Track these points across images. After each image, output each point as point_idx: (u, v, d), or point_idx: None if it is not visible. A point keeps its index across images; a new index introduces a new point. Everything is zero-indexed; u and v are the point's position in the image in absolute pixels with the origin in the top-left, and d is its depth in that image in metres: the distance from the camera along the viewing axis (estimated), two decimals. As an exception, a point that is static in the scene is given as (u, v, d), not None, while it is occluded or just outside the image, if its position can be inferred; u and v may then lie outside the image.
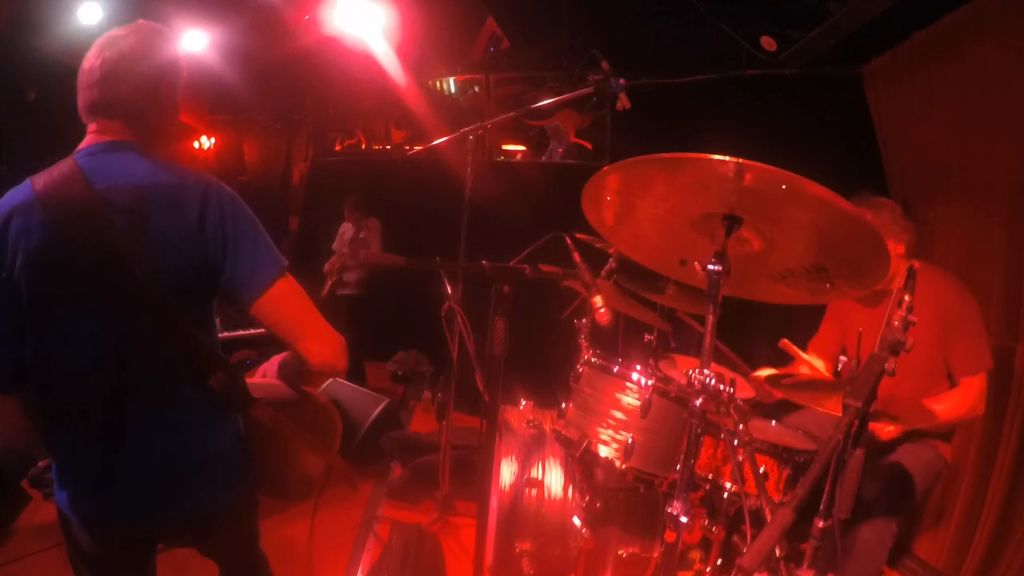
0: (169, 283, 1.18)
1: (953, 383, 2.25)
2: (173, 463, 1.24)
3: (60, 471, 1.27)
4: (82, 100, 1.26)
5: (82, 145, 1.25)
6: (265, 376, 1.48)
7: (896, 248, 2.27)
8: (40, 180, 1.19)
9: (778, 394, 2.07)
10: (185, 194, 1.20)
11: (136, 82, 1.24)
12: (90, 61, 1.24)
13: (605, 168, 1.45)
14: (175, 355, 1.21)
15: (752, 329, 3.45)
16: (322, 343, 1.26)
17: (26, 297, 1.17)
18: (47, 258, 1.16)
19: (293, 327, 1.25)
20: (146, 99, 1.26)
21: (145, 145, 1.26)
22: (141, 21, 1.31)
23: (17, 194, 1.20)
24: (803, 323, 2.72)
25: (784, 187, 1.27)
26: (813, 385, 2.08)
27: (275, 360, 1.47)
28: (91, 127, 1.26)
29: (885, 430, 2.17)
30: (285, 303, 1.24)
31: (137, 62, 1.24)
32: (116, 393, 1.20)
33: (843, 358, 1.62)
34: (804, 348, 2.54)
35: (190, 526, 1.33)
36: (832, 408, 1.83)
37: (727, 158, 1.24)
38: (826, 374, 2.50)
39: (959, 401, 2.17)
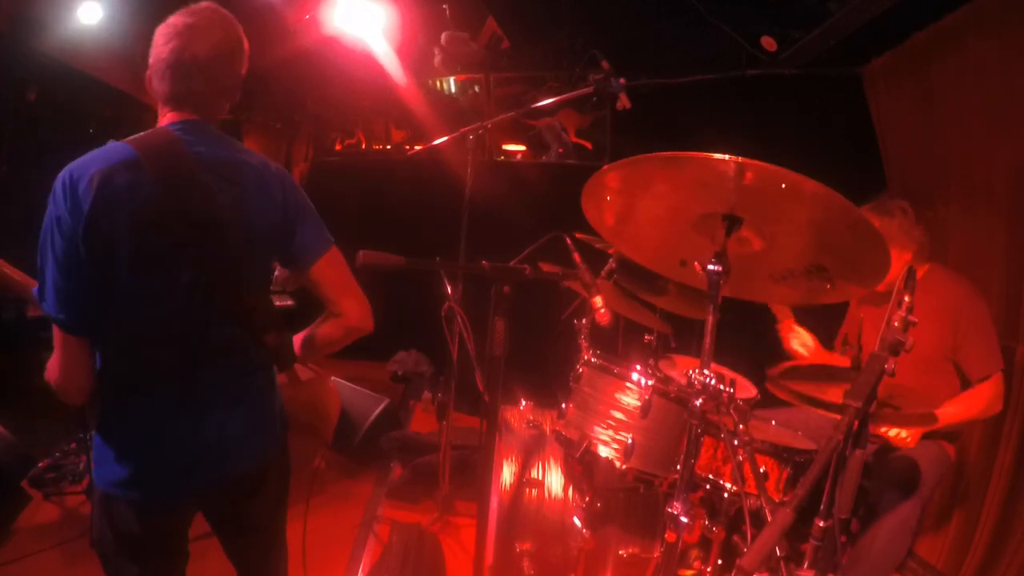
0: (253, 247, 1.34)
1: (963, 381, 2.26)
2: (240, 417, 1.37)
3: (121, 438, 1.32)
4: (167, 89, 1.32)
5: (166, 121, 1.34)
6: None
7: (902, 256, 2.27)
8: (140, 142, 1.26)
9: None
10: (268, 172, 1.38)
11: (223, 81, 1.35)
12: (175, 53, 1.29)
13: (605, 167, 1.46)
14: (247, 312, 1.34)
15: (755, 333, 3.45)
16: (360, 303, 1.45)
17: (127, 249, 1.23)
18: (155, 214, 1.24)
19: (340, 287, 1.43)
20: (227, 93, 1.38)
21: (215, 124, 1.38)
22: (215, 7, 1.35)
23: (114, 152, 1.26)
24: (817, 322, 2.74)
25: (784, 186, 1.27)
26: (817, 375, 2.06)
27: (296, 338, 1.52)
28: (167, 108, 1.34)
29: (900, 436, 2.18)
30: (335, 268, 1.44)
31: (223, 61, 1.34)
32: (196, 347, 1.31)
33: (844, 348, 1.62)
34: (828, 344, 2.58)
35: (248, 480, 1.43)
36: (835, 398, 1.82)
37: (727, 157, 1.24)
38: (824, 353, 2.61)
39: (972, 402, 2.18)
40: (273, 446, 1.47)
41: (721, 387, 1.45)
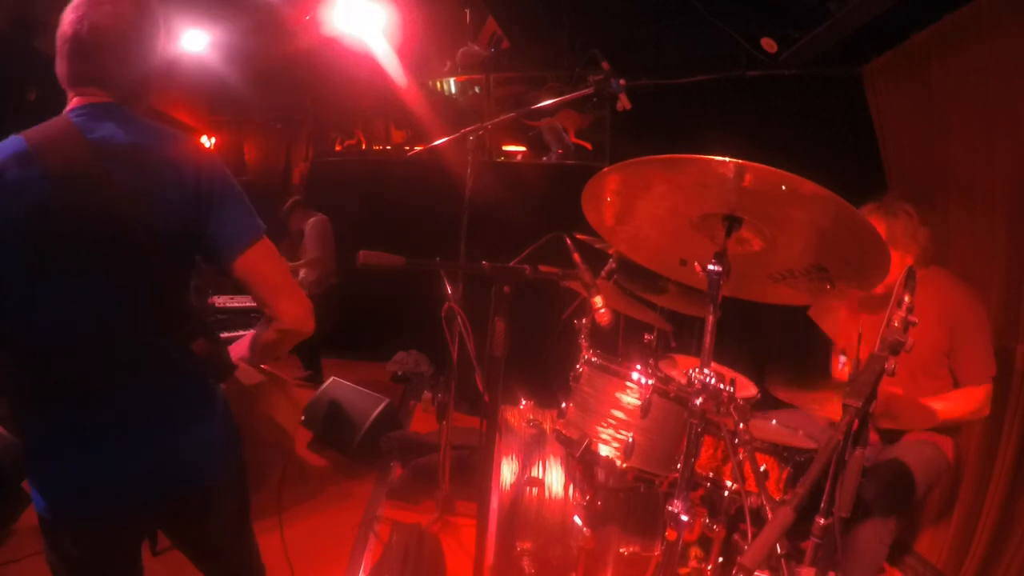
0: (161, 240, 1.18)
1: (955, 384, 2.26)
2: (171, 434, 1.24)
3: (43, 464, 1.21)
4: (66, 69, 1.21)
5: (69, 107, 1.22)
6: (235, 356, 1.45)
7: (904, 259, 2.26)
8: (33, 134, 1.15)
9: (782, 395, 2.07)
10: (178, 156, 1.22)
11: (132, 54, 1.22)
12: (73, 26, 1.18)
13: (605, 169, 1.46)
14: (164, 317, 1.21)
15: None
16: (294, 303, 1.30)
17: (19, 252, 1.13)
18: (48, 211, 1.13)
19: (269, 286, 1.28)
20: (141, 70, 1.25)
21: (130, 106, 1.25)
22: None
23: (6, 147, 1.15)
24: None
25: (784, 188, 1.27)
26: (813, 384, 2.08)
27: (237, 344, 1.43)
28: (72, 92, 1.23)
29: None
30: (263, 263, 1.27)
31: (130, 33, 1.21)
32: (108, 358, 1.18)
33: (842, 358, 1.62)
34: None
35: (193, 501, 1.31)
36: (831, 412, 1.83)
37: (727, 159, 1.24)
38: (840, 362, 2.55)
39: (962, 401, 2.18)
40: (217, 463, 1.31)
41: (721, 386, 1.45)
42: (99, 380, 1.19)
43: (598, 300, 1.75)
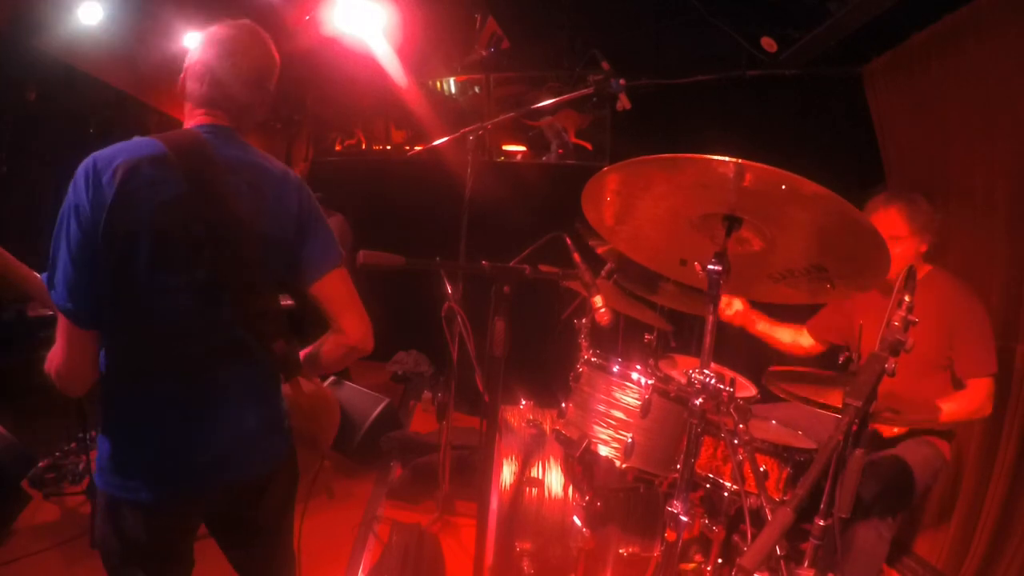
0: (267, 253, 1.34)
1: (956, 384, 2.26)
2: (246, 423, 1.36)
3: (129, 440, 1.30)
4: (204, 92, 1.36)
5: (196, 123, 1.37)
6: None
7: (920, 248, 2.28)
8: (168, 139, 1.28)
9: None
10: (287, 182, 1.40)
11: (258, 94, 1.41)
12: (221, 60, 1.35)
13: (605, 169, 1.46)
14: (257, 316, 1.34)
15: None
16: (362, 322, 1.45)
17: (147, 244, 1.23)
18: (177, 211, 1.25)
19: (343, 305, 1.43)
20: (259, 106, 1.43)
21: (244, 132, 1.42)
22: (254, 25, 1.43)
23: (141, 146, 1.26)
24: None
25: (784, 187, 1.27)
26: (815, 379, 2.07)
27: (301, 353, 1.52)
28: (200, 111, 1.37)
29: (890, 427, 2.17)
30: (341, 284, 1.44)
31: (262, 75, 1.40)
32: (205, 346, 1.30)
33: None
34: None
35: (254, 486, 1.42)
36: (834, 401, 1.82)
37: (727, 158, 1.24)
38: (804, 347, 2.71)
39: (965, 402, 2.18)
40: (283, 449, 1.46)
41: (721, 386, 1.45)
42: (194, 367, 1.31)
43: (598, 300, 1.75)
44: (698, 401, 1.45)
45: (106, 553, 1.35)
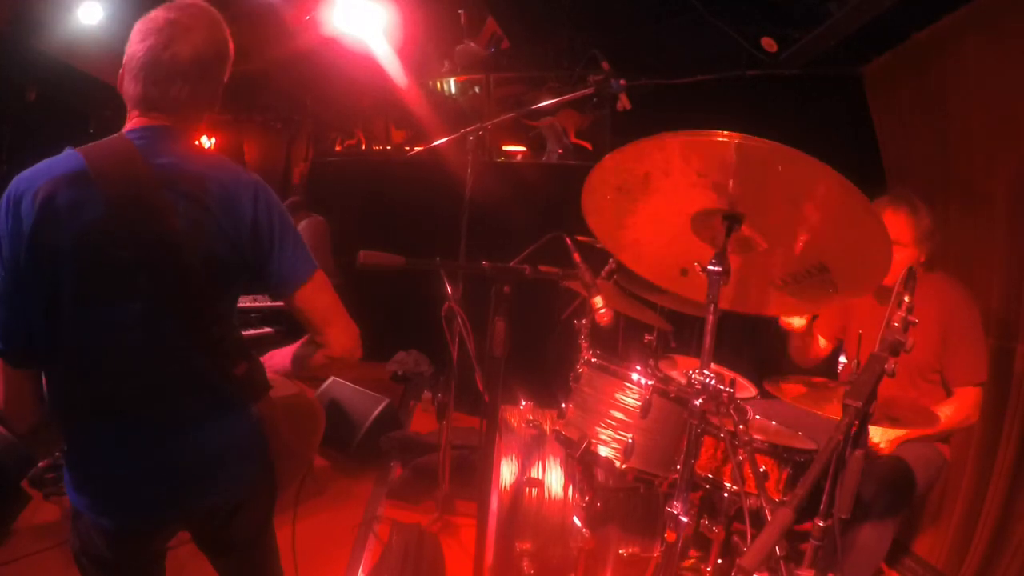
0: (214, 270, 1.20)
1: (946, 390, 2.25)
2: (208, 451, 1.26)
3: (84, 470, 1.22)
4: (138, 91, 1.20)
5: (129, 127, 1.22)
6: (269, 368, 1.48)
7: (920, 258, 2.26)
8: (91, 152, 1.14)
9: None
10: (238, 189, 1.22)
11: (203, 87, 1.23)
12: (154, 51, 1.17)
13: (605, 157, 1.46)
14: (214, 344, 1.22)
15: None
16: (346, 333, 1.34)
17: (74, 273, 1.12)
18: (105, 235, 1.12)
19: (323, 317, 1.32)
20: (206, 101, 1.26)
21: (187, 132, 1.25)
22: (202, 4, 1.24)
23: (60, 164, 1.13)
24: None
25: (780, 168, 1.27)
26: (814, 387, 2.07)
27: (275, 354, 1.46)
28: (136, 112, 1.23)
29: (885, 440, 2.17)
30: (318, 296, 1.31)
31: (205, 65, 1.21)
32: (154, 379, 1.20)
33: (842, 360, 1.62)
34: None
35: (221, 512, 1.34)
36: (832, 413, 1.83)
37: (724, 133, 1.25)
38: (823, 351, 2.61)
39: (955, 410, 2.18)
40: (254, 475, 1.36)
41: (721, 387, 1.45)
42: (147, 402, 1.20)
43: (598, 300, 1.75)
44: (698, 402, 1.45)
45: (79, 565, 1.30)
